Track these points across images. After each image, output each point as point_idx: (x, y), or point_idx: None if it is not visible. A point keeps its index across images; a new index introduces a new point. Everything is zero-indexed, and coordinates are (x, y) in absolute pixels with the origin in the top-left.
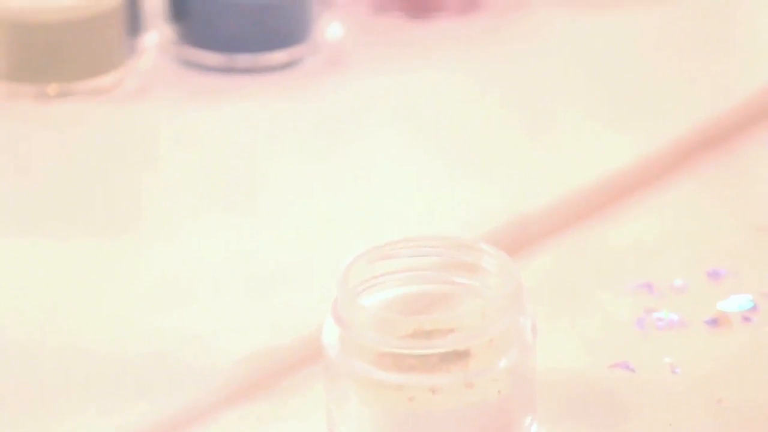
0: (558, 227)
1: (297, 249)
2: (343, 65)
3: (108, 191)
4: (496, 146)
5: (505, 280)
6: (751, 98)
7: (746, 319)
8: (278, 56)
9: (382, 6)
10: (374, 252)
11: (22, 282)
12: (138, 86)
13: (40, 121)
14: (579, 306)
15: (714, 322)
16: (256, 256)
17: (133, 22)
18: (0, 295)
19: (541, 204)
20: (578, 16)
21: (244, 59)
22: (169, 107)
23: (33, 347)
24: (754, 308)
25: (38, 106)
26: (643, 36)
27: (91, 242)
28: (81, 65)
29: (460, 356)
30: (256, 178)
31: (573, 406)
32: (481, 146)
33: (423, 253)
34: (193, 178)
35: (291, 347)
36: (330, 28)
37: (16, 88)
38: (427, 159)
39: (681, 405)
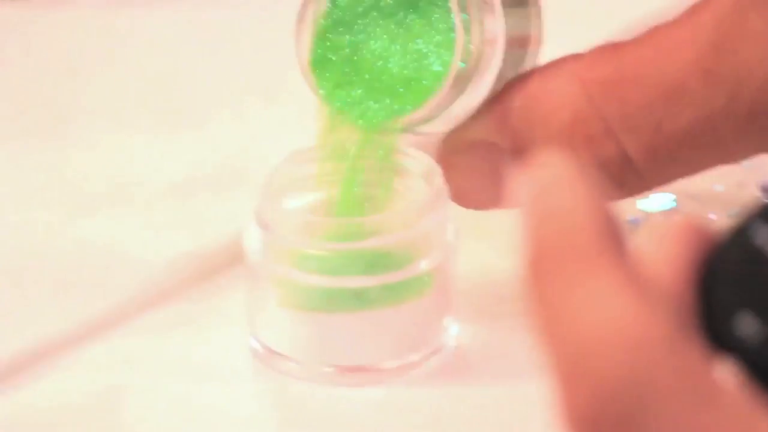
0: None
1: (222, 153)
2: None
3: (30, 96)
4: None
5: (430, 184)
6: None
7: (668, 219)
8: None
9: None
10: (299, 155)
11: None
12: None
13: None
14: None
15: (635, 222)
16: (181, 160)
17: None
18: None
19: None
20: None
21: None
22: (91, 11)
23: None
24: (676, 209)
25: None
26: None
27: (12, 147)
28: None
29: (382, 258)
30: (180, 84)
31: (495, 308)
32: None
33: None
34: (116, 84)
35: (215, 251)
36: None
37: None
38: None
39: None
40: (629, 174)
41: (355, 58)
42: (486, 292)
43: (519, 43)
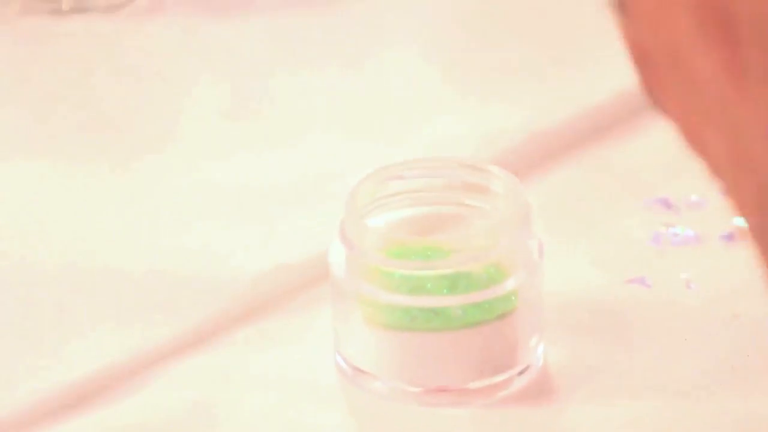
0: (572, 145)
1: (309, 169)
2: None
3: (123, 109)
4: (502, 67)
5: (512, 202)
6: None
7: None
8: None
9: None
10: (383, 172)
11: (40, 202)
12: (151, 2)
13: (54, 37)
14: (594, 223)
15: (730, 237)
16: (269, 175)
17: None
18: (21, 216)
19: (554, 122)
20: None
21: None
22: (181, 23)
23: (54, 265)
24: None
25: (52, 21)
26: None
27: (109, 161)
28: None
29: (465, 278)
30: (270, 95)
31: (585, 325)
32: (486, 68)
33: (431, 174)
34: (206, 96)
35: (301, 267)
36: None
37: (31, 4)
38: (433, 81)
39: (697, 320)
40: None
41: None
42: (579, 308)
43: None
